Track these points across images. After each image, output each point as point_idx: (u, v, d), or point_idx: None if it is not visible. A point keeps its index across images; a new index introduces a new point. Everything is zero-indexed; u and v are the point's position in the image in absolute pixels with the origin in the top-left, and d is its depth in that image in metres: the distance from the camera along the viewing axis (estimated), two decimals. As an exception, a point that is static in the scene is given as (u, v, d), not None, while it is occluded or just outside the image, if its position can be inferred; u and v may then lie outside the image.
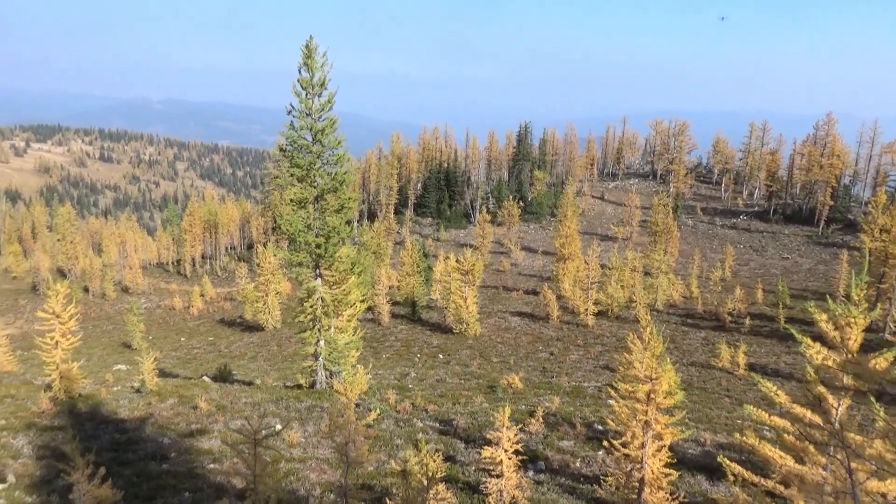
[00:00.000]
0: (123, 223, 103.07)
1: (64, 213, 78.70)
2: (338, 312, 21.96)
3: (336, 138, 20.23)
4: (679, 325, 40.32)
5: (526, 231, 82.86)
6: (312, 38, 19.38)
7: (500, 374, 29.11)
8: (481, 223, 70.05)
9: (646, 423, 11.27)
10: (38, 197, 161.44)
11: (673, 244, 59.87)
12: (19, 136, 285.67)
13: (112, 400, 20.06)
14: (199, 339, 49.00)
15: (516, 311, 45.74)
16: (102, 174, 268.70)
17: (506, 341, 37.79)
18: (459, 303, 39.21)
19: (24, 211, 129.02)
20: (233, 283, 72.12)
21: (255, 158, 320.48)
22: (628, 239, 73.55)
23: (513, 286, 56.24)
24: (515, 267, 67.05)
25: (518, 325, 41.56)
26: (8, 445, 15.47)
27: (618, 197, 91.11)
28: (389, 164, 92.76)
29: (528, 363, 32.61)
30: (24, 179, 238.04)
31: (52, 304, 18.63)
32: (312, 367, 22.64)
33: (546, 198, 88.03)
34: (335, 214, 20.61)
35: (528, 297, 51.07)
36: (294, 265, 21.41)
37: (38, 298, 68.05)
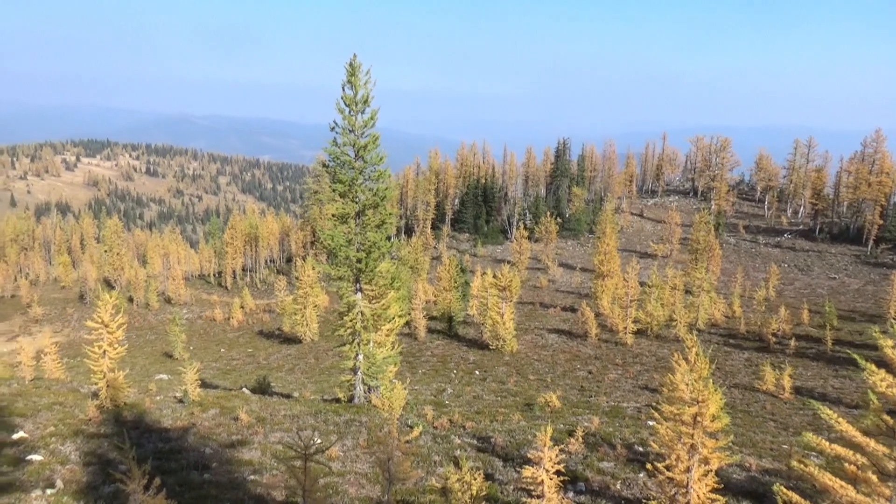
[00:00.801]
0: (167, 235, 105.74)
1: (111, 225, 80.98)
2: (377, 327, 22.07)
3: (378, 154, 20.46)
4: (721, 346, 39.42)
5: (563, 247, 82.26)
6: (356, 56, 19.69)
7: (537, 392, 28.82)
8: (518, 239, 69.79)
9: (692, 446, 11.01)
10: (86, 209, 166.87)
11: (714, 262, 58.65)
12: (70, 150, 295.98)
13: (156, 409, 20.45)
14: (238, 350, 49.75)
15: (553, 328, 45.31)
16: (148, 188, 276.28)
17: (543, 359, 37.42)
18: (496, 319, 39.02)
19: (73, 223, 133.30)
20: (272, 296, 73.15)
21: (295, 173, 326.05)
22: (668, 257, 72.42)
23: (550, 303, 55.79)
24: (553, 283, 66.53)
25: (555, 343, 41.14)
26: (57, 451, 15.87)
27: (657, 214, 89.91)
28: (427, 180, 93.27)
29: (566, 381, 32.22)
30: (73, 192, 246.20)
31: (100, 314, 19.13)
32: (351, 381, 22.75)
33: (584, 214, 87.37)
34: (376, 230, 20.78)
35: (565, 314, 50.57)
36: (335, 279, 21.62)
37: (85, 307, 70.05)
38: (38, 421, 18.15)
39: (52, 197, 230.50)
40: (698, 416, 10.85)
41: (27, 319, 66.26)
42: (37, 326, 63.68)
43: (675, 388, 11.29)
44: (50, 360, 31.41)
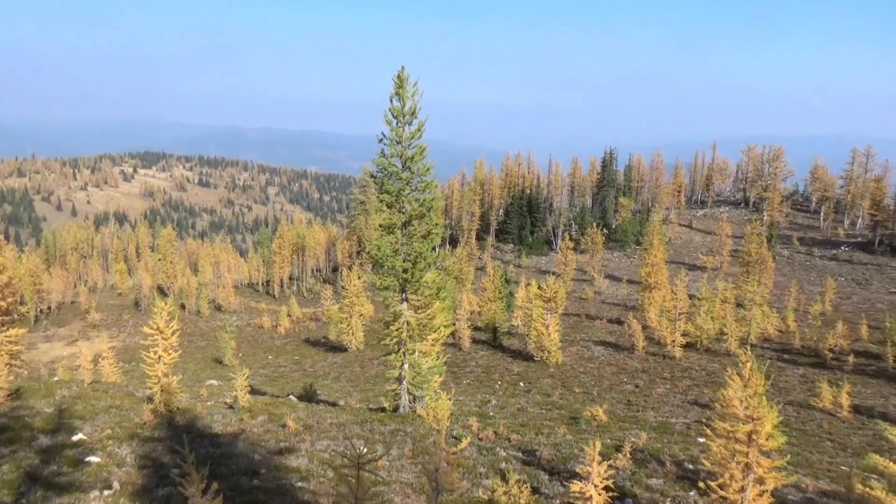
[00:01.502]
0: (218, 245, 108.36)
1: (165, 234, 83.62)
2: (422, 337, 22.14)
3: (425, 165, 20.60)
4: (774, 361, 38.18)
5: (609, 259, 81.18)
6: (404, 68, 19.92)
7: (582, 406, 28.43)
8: (563, 250, 69.17)
9: (746, 465, 10.68)
10: (142, 219, 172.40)
11: (767, 275, 57.04)
12: (128, 162, 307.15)
13: (207, 414, 20.90)
14: (285, 357, 50.55)
15: (599, 341, 44.66)
16: (200, 198, 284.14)
17: (588, 371, 36.89)
18: (541, 330, 38.69)
19: (129, 232, 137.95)
20: (318, 305, 74.17)
21: (342, 184, 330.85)
22: (718, 269, 70.69)
23: (596, 315, 55.05)
24: (599, 295, 65.68)
25: (601, 355, 40.54)
26: (113, 454, 16.36)
27: (707, 225, 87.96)
28: (472, 191, 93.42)
29: (612, 395, 31.68)
30: (130, 203, 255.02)
31: (156, 321, 19.70)
32: (396, 390, 22.85)
33: (631, 225, 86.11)
34: (422, 240, 20.90)
35: (611, 327, 49.82)
36: (381, 289, 21.80)
37: (140, 314, 72.26)
38: (97, 423, 18.76)
39: (111, 207, 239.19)
40: (753, 434, 10.53)
41: (86, 325, 68.68)
42: (95, 331, 65.96)
43: (728, 405, 10.98)
44: (107, 365, 32.42)
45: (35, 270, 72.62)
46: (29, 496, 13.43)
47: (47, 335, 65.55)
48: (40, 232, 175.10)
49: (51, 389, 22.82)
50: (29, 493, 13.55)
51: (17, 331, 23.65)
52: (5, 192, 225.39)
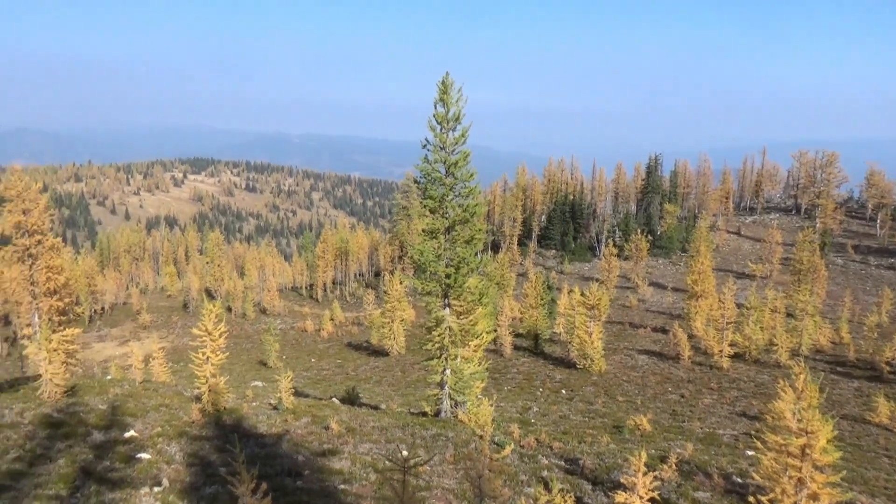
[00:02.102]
0: (263, 248, 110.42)
1: (213, 238, 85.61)
2: (464, 342, 22.14)
3: (468, 171, 20.63)
4: (827, 373, 36.93)
5: (654, 266, 79.83)
6: (448, 74, 20.01)
7: (626, 415, 27.99)
8: (607, 257, 68.31)
9: (799, 480, 10.34)
10: (191, 223, 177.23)
11: (819, 284, 55.20)
12: (178, 167, 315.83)
13: (252, 415, 21.28)
14: (328, 360, 51.14)
15: (643, 349, 43.94)
16: (247, 203, 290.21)
17: (632, 380, 36.32)
18: (584, 337, 38.29)
19: (179, 235, 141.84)
20: (360, 309, 74.83)
21: (384, 189, 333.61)
22: (768, 277, 68.79)
23: (640, 323, 54.18)
24: (643, 303, 64.62)
25: (645, 364, 39.86)
26: (163, 451, 16.79)
27: (756, 232, 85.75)
28: (514, 196, 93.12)
29: (657, 405, 31.11)
30: (180, 207, 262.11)
31: (205, 323, 20.16)
32: (438, 395, 22.88)
33: (676, 232, 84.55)
34: (465, 245, 20.92)
35: (656, 335, 48.96)
36: (423, 294, 21.88)
37: (189, 316, 74.08)
38: (147, 421, 19.29)
39: (161, 211, 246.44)
40: (807, 448, 10.19)
41: (136, 325, 70.76)
42: (145, 332, 67.90)
43: (780, 417, 10.66)
44: (157, 365, 33.36)
45: (90, 272, 75.27)
46: (83, 490, 13.88)
47: (100, 335, 67.76)
48: (95, 235, 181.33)
49: (104, 387, 23.58)
50: (83, 488, 14.01)
51: (74, 330, 24.48)
52: (63, 197, 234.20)
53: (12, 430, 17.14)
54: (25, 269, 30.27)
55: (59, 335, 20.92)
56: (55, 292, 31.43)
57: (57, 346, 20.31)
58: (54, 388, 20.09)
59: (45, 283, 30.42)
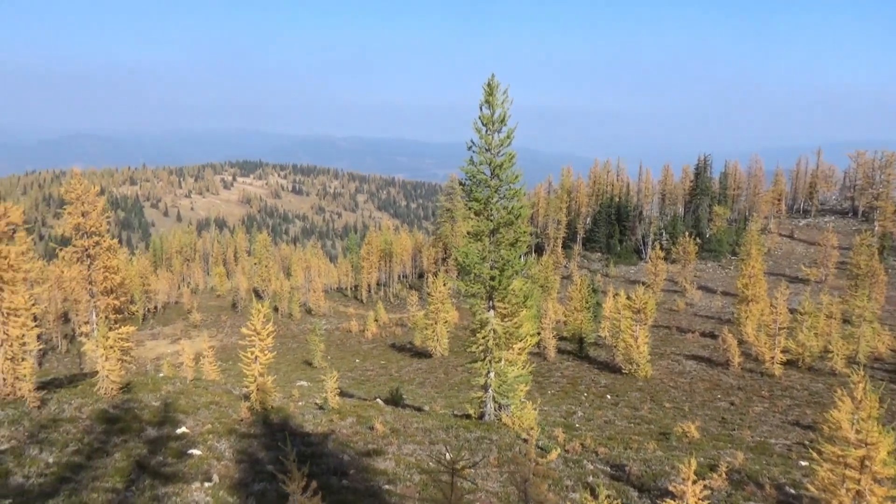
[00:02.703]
0: (309, 250, 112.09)
1: (261, 239, 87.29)
2: (508, 345, 22.07)
3: (513, 173, 20.57)
4: (887, 383, 35.48)
5: (703, 269, 78.13)
6: (494, 76, 19.99)
7: (673, 421, 27.48)
8: (654, 259, 67.15)
9: (857, 493, 9.97)
10: (239, 225, 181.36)
11: (878, 289, 53.12)
12: (228, 170, 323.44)
13: (299, 414, 21.63)
14: (372, 361, 51.60)
15: (691, 355, 43.02)
16: (293, 205, 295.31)
17: (679, 386, 35.61)
18: (629, 342, 37.75)
19: (228, 237, 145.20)
20: (404, 310, 75.30)
21: (428, 191, 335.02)
22: (822, 282, 66.56)
23: (687, 327, 53.09)
24: (691, 307, 63.31)
25: (693, 370, 39.03)
26: (213, 448, 17.21)
27: (810, 235, 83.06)
28: (559, 198, 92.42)
29: (705, 412, 30.43)
30: (229, 209, 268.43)
31: (253, 322, 20.59)
32: (482, 398, 22.85)
33: (726, 235, 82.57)
34: (510, 247, 20.86)
35: (704, 340, 47.90)
36: (468, 296, 21.89)
37: (237, 315, 75.75)
38: (198, 418, 19.79)
39: (211, 213, 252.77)
40: (866, 460, 9.82)
41: (187, 324, 72.70)
42: (196, 331, 69.71)
43: (837, 427, 10.30)
44: (207, 363, 34.24)
45: (144, 272, 77.67)
46: (138, 484, 14.33)
47: (153, 333, 69.86)
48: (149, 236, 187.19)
49: (157, 385, 24.30)
50: (138, 481, 14.46)
51: (128, 328, 25.31)
52: (119, 199, 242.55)
53: (71, 425, 17.81)
54: (84, 269, 31.40)
55: (114, 333, 21.65)
56: (111, 291, 32.52)
57: (113, 344, 21.01)
58: (110, 385, 20.79)
59: (103, 283, 31.49)
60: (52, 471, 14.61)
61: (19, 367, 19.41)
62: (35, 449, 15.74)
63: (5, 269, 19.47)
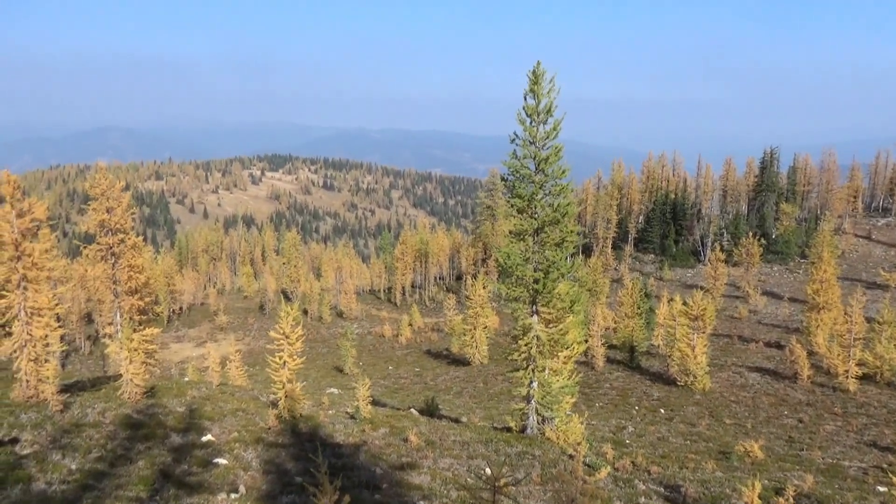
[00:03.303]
0: (341, 249, 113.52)
1: (290, 238, 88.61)
2: (553, 353, 21.93)
3: (560, 167, 20.43)
4: (977, 401, 34.20)
5: (768, 273, 76.45)
6: (539, 63, 19.88)
7: (734, 439, 26.96)
8: (713, 262, 66.03)
9: (944, 523, 9.61)
10: (268, 222, 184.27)
11: (968, 297, 51.26)
12: (256, 165, 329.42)
13: (329, 423, 21.87)
14: (406, 368, 51.86)
15: (754, 367, 42.18)
16: (324, 201, 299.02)
17: (741, 401, 34.94)
18: (686, 351, 37.23)
19: (256, 235, 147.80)
20: (440, 314, 75.49)
21: (467, 187, 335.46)
22: (903, 288, 64.48)
23: (750, 337, 52.05)
24: (754, 314, 62.02)
25: (757, 383, 38.26)
26: (240, 457, 17.52)
27: (890, 236, 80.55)
28: (609, 195, 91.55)
29: (770, 430, 29.78)
30: (257, 206, 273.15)
31: (282, 326, 20.89)
32: (524, 410, 22.76)
33: (795, 235, 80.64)
34: (555, 248, 20.73)
35: (769, 351, 46.90)
36: (509, 300, 21.83)
37: (265, 318, 76.97)
38: (224, 426, 20.17)
39: (239, 210, 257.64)
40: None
41: (213, 326, 74.16)
42: (222, 334, 71.05)
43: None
44: (234, 368, 34.86)
45: (169, 271, 79.62)
46: (162, 493, 14.67)
47: (178, 335, 71.45)
48: (174, 234, 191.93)
49: (182, 389, 24.85)
50: (162, 491, 14.81)
51: (153, 330, 25.96)
52: (144, 195, 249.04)
53: (94, 430, 18.33)
54: (108, 267, 32.39)
55: (139, 335, 22.24)
56: (136, 291, 33.46)
57: (137, 346, 21.58)
58: (134, 389, 21.35)
59: (127, 282, 32.43)
60: (75, 478, 15.07)
61: (42, 369, 20.10)
62: (58, 454, 16.25)
63: (29, 267, 20.17)
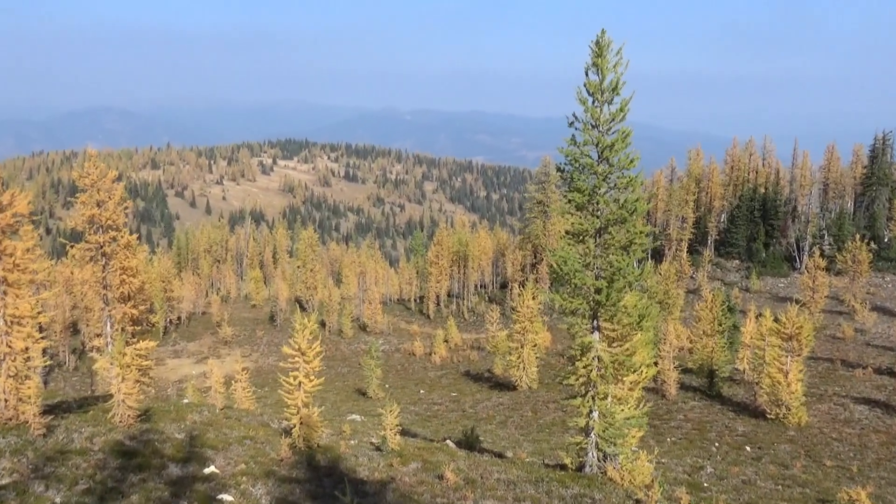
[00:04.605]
0: (364, 251, 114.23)
1: (306, 237, 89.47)
2: (617, 377, 21.73)
3: (627, 156, 20.26)
4: None
5: (879, 284, 74.91)
6: (605, 32, 19.75)
7: (836, 485, 26.48)
8: (811, 270, 64.87)
9: None
10: (280, 219, 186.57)
11: None
12: (268, 151, 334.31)
13: (351, 455, 22.03)
14: (440, 392, 52.02)
15: (862, 398, 41.37)
16: (346, 194, 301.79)
17: (845, 438, 34.30)
18: (777, 378, 36.67)
19: (266, 233, 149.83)
20: (481, 329, 75.52)
21: (514, 179, 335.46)
22: None
23: (857, 361, 51.03)
24: (861, 334, 60.76)
25: (865, 418, 37.53)
26: (248, 493, 17.75)
27: None
28: (684, 188, 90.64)
29: (881, 473, 29.19)
30: (268, 199, 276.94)
31: (297, 340, 21.10)
32: (581, 444, 22.61)
33: (912, 239, 78.87)
34: (621, 252, 20.55)
35: (880, 379, 45.94)
36: (566, 313, 21.72)
37: (276, 331, 77.96)
38: (229, 456, 20.46)
39: (247, 204, 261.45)
40: None
41: (216, 340, 75.38)
42: (226, 349, 72.20)
43: None
44: (240, 389, 35.38)
45: (166, 275, 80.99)
46: (158, 533, 14.94)
47: (176, 350, 72.79)
48: (172, 231, 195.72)
49: (181, 413, 25.28)
50: (158, 530, 15.08)
51: (148, 343, 26.49)
52: (139, 186, 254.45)
53: (81, 458, 18.75)
54: (98, 270, 33.03)
55: (132, 348, 22.71)
56: (129, 298, 34.06)
57: (130, 362, 22.01)
58: (127, 411, 21.77)
59: (119, 287, 33.03)
60: (60, 512, 15.42)
61: (23, 387, 20.57)
62: (40, 485, 16.66)
63: (10, 268, 20.70)
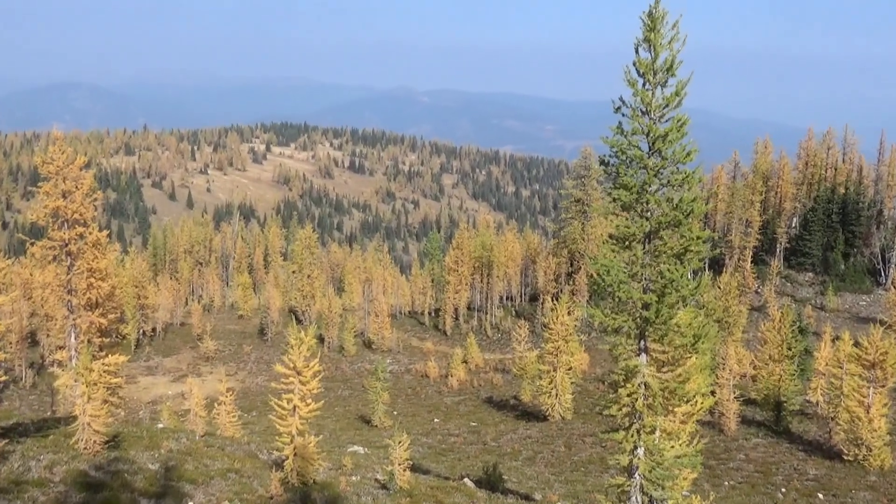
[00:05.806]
0: (371, 255, 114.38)
1: (303, 237, 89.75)
2: (668, 408, 21.57)
3: (683, 148, 20.09)
4: None
5: (979, 304, 74.05)
6: (658, 2, 19.62)
7: (927, 542, 26.24)
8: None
9: None
10: (273, 215, 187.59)
11: None
12: (260, 136, 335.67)
13: (352, 494, 22.05)
14: (457, 422, 51.93)
15: (959, 438, 40.94)
16: (351, 188, 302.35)
17: (938, 486, 33.97)
18: (857, 412, 36.38)
19: (257, 232, 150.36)
20: (506, 348, 75.35)
21: (548, 173, 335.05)
22: None
23: (952, 394, 50.55)
24: (957, 363, 60.14)
25: (962, 462, 37.11)
26: (231, 536, 17.79)
27: None
28: (748, 187, 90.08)
29: (980, 529, 28.86)
30: (260, 192, 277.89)
31: (292, 357, 21.13)
32: (624, 486, 22.46)
33: None
34: (675, 260, 20.38)
35: (980, 416, 45.47)
36: (608, 332, 21.58)
37: (266, 346, 78.14)
38: (210, 491, 20.52)
39: (235, 197, 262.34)
40: None
41: (197, 356, 75.62)
42: (208, 365, 72.38)
43: None
44: (224, 413, 35.45)
45: (140, 279, 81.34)
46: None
47: (150, 366, 73.08)
48: (148, 228, 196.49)
49: (155, 440, 25.37)
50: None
51: (118, 358, 26.66)
52: (110, 175, 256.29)
53: (39, 490, 18.85)
54: (62, 271, 33.27)
55: (100, 363, 22.86)
56: (97, 305, 34.30)
57: (97, 379, 22.17)
58: (93, 437, 21.89)
59: (86, 293, 33.27)
60: (13, 553, 15.51)
61: (-26, 406, 20.75)
62: (-9, 521, 16.76)
63: (-40, 267, 20.87)
